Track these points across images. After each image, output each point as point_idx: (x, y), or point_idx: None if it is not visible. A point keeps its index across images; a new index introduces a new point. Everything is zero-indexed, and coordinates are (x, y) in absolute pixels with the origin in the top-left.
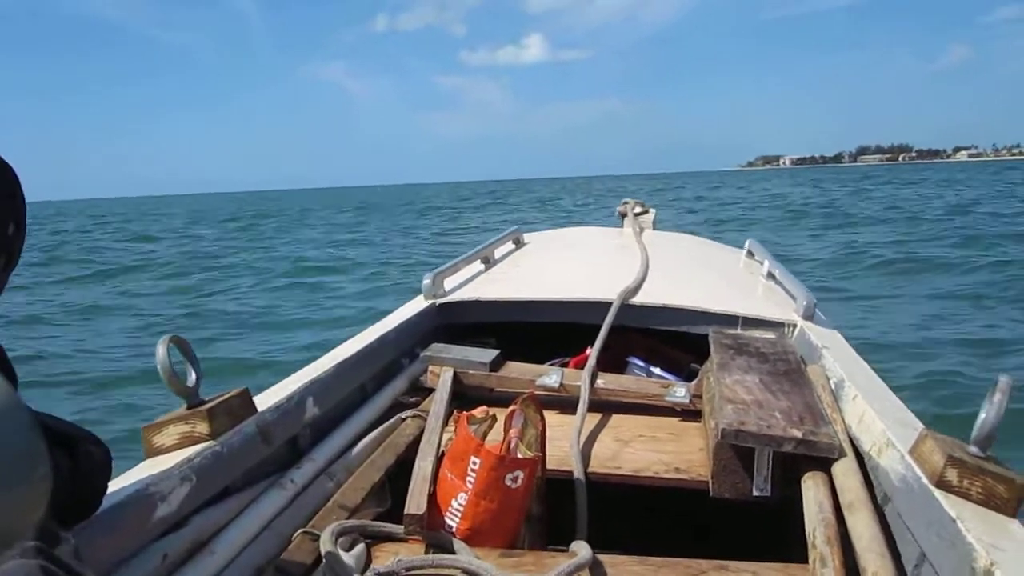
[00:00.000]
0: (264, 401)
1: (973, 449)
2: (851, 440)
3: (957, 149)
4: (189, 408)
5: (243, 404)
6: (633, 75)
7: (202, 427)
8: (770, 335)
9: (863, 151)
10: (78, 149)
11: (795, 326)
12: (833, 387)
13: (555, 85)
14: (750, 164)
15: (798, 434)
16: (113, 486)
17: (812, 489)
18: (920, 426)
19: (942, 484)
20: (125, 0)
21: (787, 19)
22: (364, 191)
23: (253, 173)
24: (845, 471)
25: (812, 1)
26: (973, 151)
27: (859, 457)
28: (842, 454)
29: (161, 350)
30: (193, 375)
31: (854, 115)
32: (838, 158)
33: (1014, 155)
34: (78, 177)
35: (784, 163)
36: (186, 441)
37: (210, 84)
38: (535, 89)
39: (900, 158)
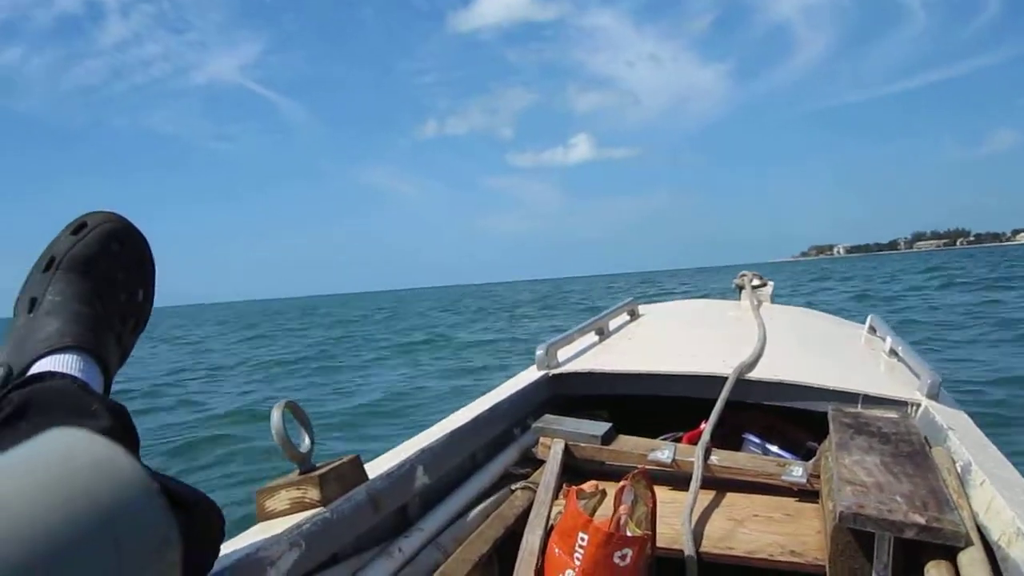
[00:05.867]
0: (375, 468)
1: None
2: (978, 528)
3: (1016, 231)
4: (301, 474)
5: (354, 471)
6: (680, 172)
7: (313, 493)
8: (892, 415)
9: (919, 237)
10: None
11: (919, 406)
12: (959, 471)
13: (604, 182)
14: (803, 254)
15: (921, 520)
16: (224, 549)
17: None
18: None
19: None
20: (180, 118)
21: (828, 110)
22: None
23: (302, 279)
24: (972, 561)
25: (849, 93)
26: None
27: (987, 547)
28: (968, 543)
29: (276, 415)
30: (307, 440)
31: (905, 202)
32: (893, 245)
33: None
34: None
35: (838, 251)
36: (297, 507)
37: (259, 186)
38: (584, 187)
39: (957, 242)
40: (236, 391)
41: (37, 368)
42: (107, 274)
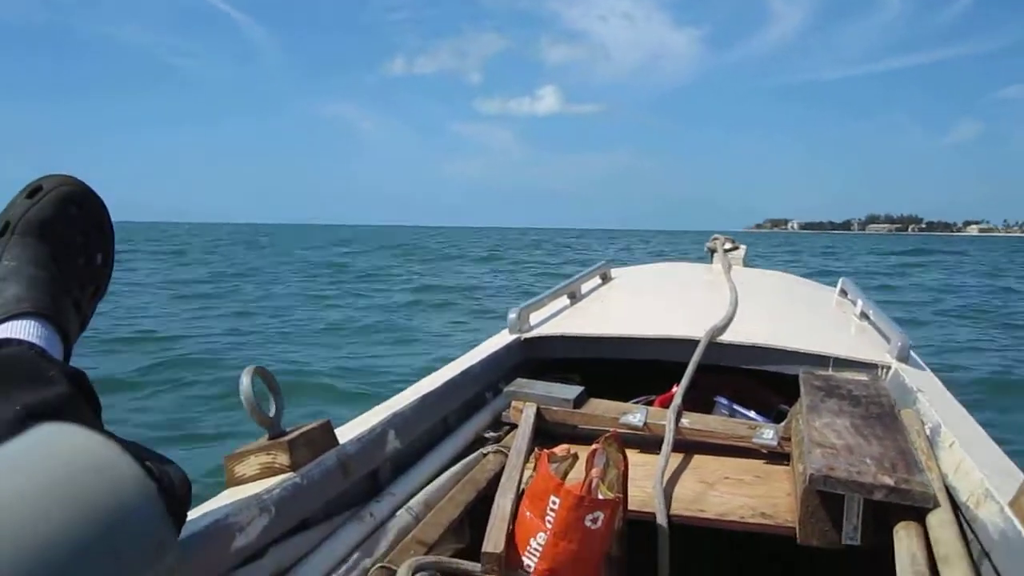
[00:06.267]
0: (345, 433)
1: None
2: (947, 489)
3: (967, 223)
4: (271, 439)
5: (324, 436)
6: (645, 131)
7: (283, 458)
8: (863, 377)
9: (872, 219)
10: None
11: (889, 368)
12: (928, 433)
13: (569, 136)
14: (758, 226)
15: (890, 482)
16: (192, 515)
17: (905, 540)
18: (1022, 476)
19: None
20: (150, 27)
21: (799, 85)
22: (376, 230)
23: (256, 206)
24: (940, 522)
25: (823, 69)
26: (984, 225)
27: (955, 508)
28: (937, 504)
29: (245, 380)
30: (274, 406)
31: (863, 184)
32: (847, 225)
33: None
34: None
35: (792, 227)
36: (267, 472)
37: (216, 111)
38: (549, 139)
39: (909, 229)
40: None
41: None
42: (64, 238)
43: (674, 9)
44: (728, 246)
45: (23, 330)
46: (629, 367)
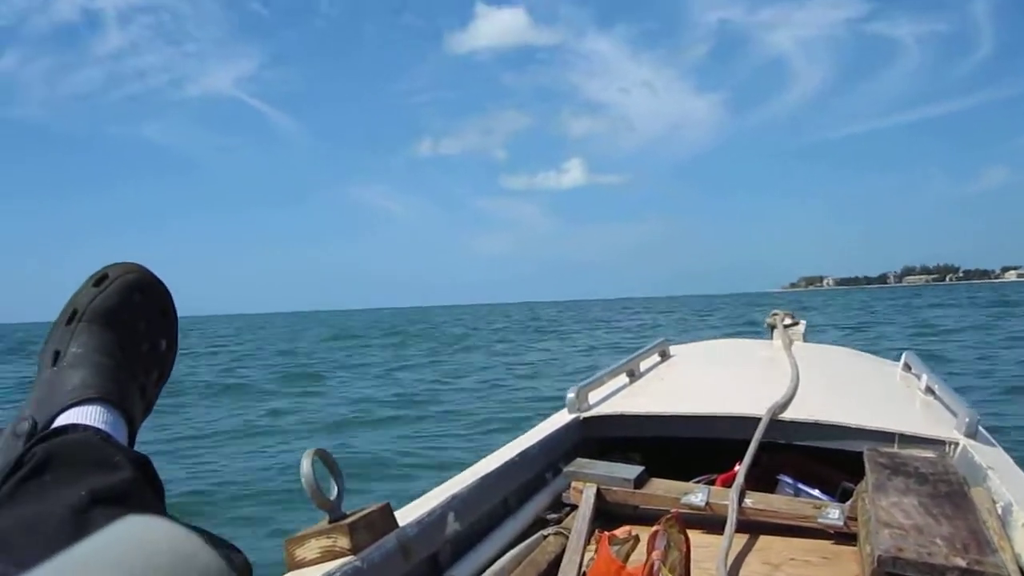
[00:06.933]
0: (405, 516)
1: None
2: (1021, 571)
3: (1005, 269)
4: (331, 522)
5: (384, 519)
6: (671, 199)
7: (343, 541)
8: (930, 454)
9: (908, 271)
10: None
11: (957, 444)
12: (1000, 512)
13: (595, 207)
14: (792, 285)
15: (962, 563)
16: None
17: None
18: None
19: None
20: (174, 129)
21: (821, 143)
22: (402, 312)
23: (290, 294)
24: None
25: (844, 126)
26: (1022, 271)
27: None
28: None
29: (305, 463)
30: (335, 488)
31: (894, 236)
32: (883, 279)
33: None
34: None
35: (828, 283)
36: (327, 555)
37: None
38: (575, 211)
39: (947, 278)
40: None
41: (61, 420)
42: (129, 325)
43: (695, 76)
44: (788, 321)
45: (90, 416)
46: (690, 446)
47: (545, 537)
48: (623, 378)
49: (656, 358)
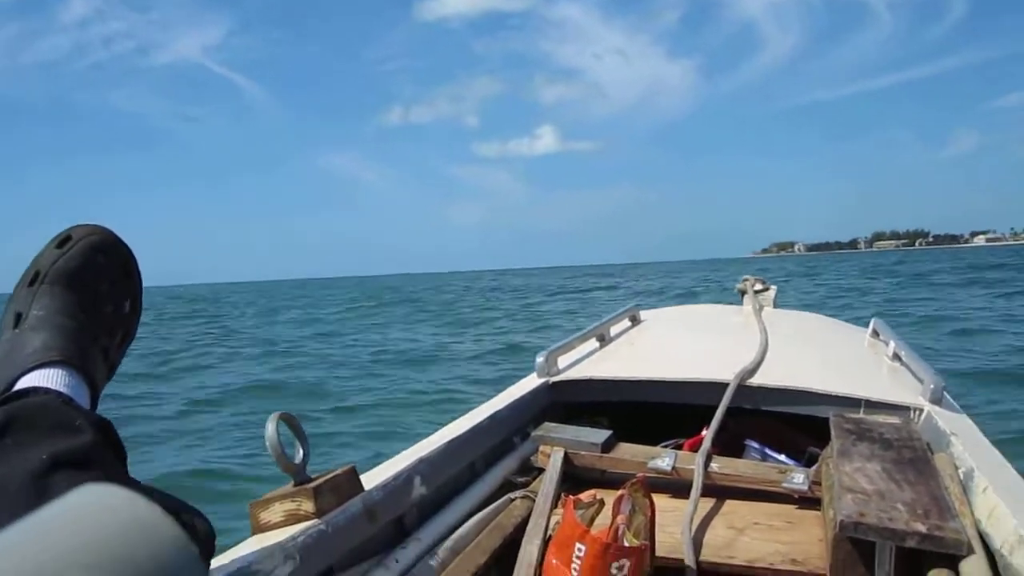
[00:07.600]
0: (371, 479)
1: None
2: (980, 536)
3: (974, 233)
4: (296, 485)
5: (349, 482)
6: (644, 165)
7: (308, 505)
8: (895, 420)
9: (878, 236)
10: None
11: (922, 411)
12: (962, 478)
13: (568, 174)
14: (764, 251)
15: (922, 528)
16: (216, 563)
17: None
18: None
19: None
20: (140, 96)
21: (793, 108)
22: (382, 279)
23: (267, 263)
24: (974, 570)
25: (816, 90)
26: (991, 235)
27: (989, 555)
28: (970, 551)
29: (270, 427)
30: (301, 452)
31: (865, 202)
32: (853, 244)
33: None
34: None
35: (798, 249)
36: (291, 519)
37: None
38: (548, 178)
39: (916, 243)
40: None
41: (23, 383)
42: (92, 287)
43: (667, 41)
44: (759, 287)
45: (50, 379)
46: (658, 411)
47: (512, 501)
48: (593, 343)
49: (627, 323)
